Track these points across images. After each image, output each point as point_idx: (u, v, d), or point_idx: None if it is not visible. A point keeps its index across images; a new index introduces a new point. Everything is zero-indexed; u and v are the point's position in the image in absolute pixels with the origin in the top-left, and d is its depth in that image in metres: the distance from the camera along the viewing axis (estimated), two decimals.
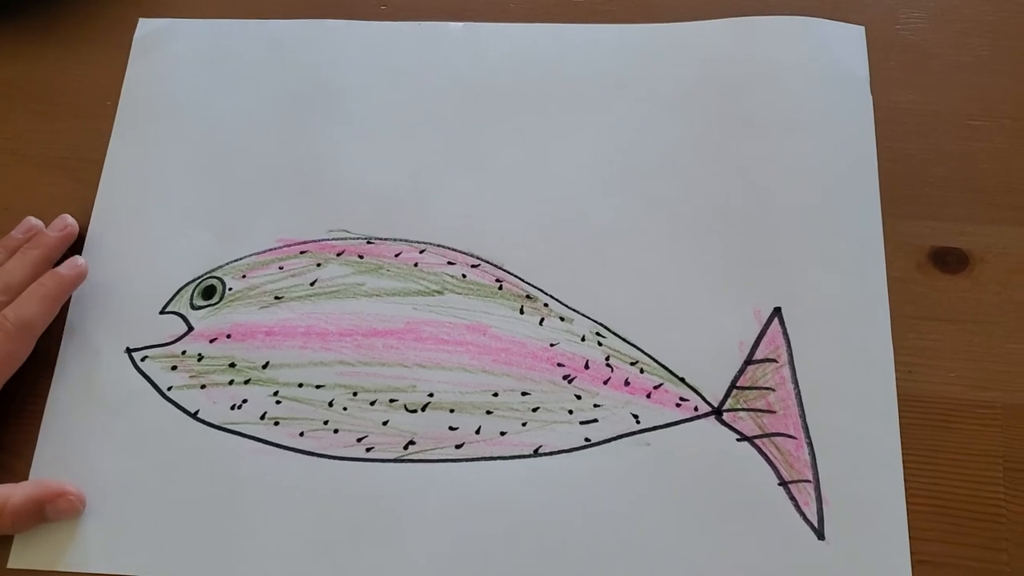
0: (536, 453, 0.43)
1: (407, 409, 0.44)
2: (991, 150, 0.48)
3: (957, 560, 0.40)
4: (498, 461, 0.43)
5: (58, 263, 0.47)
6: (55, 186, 0.50)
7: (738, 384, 0.43)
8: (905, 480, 0.41)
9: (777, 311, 0.44)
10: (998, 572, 0.40)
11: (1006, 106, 0.49)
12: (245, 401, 0.45)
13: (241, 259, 0.48)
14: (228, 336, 0.46)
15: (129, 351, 0.46)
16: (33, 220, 0.48)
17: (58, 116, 0.52)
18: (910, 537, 0.40)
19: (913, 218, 0.46)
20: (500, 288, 0.46)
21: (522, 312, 0.46)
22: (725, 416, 0.43)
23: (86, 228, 0.49)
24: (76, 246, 0.48)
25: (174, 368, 0.46)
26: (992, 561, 0.40)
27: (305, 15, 0.54)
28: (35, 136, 0.52)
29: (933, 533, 0.40)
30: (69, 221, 0.48)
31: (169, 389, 0.45)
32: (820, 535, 0.40)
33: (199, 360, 0.46)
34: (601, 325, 0.45)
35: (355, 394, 0.44)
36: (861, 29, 0.50)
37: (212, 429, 0.44)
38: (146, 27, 0.54)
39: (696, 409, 0.43)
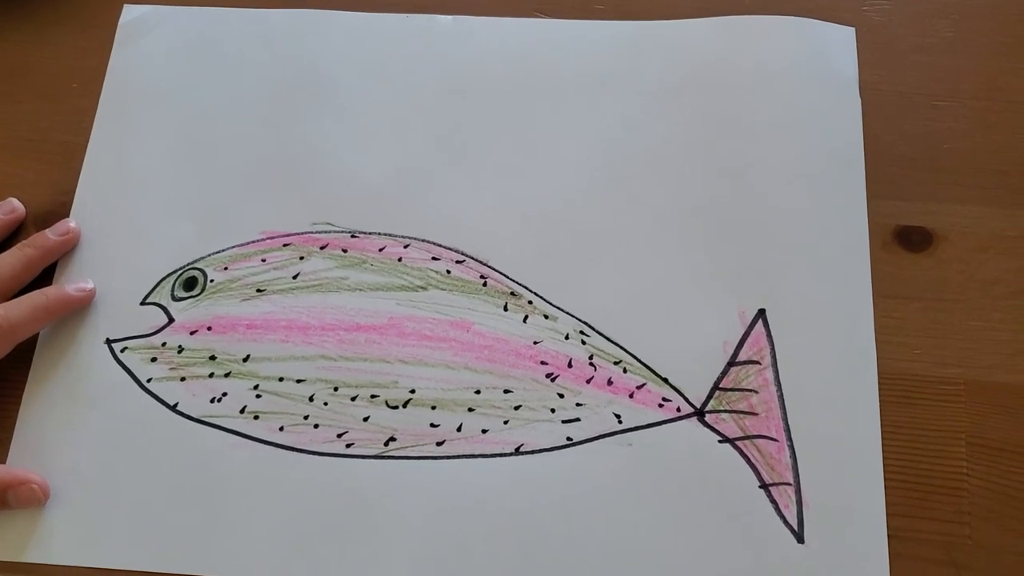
0: (517, 451, 0.43)
1: (388, 405, 0.44)
2: (955, 130, 0.48)
3: (921, 534, 0.41)
4: (479, 459, 0.43)
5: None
6: (20, 168, 0.50)
7: (721, 386, 0.43)
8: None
9: (761, 313, 0.44)
10: (961, 545, 0.41)
11: (969, 87, 0.49)
12: (225, 394, 0.44)
13: (223, 251, 0.47)
14: (209, 328, 0.46)
15: (108, 342, 0.46)
16: (15, 202, 0.48)
17: (23, 98, 0.52)
18: None
19: (878, 197, 0.47)
20: (484, 285, 0.46)
21: (506, 309, 0.45)
22: (707, 417, 0.43)
23: (60, 213, 0.48)
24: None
25: (154, 360, 0.45)
26: (955, 534, 0.41)
27: None
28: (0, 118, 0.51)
29: (898, 507, 0.41)
30: (72, 226, 0.47)
31: (148, 381, 0.45)
32: (800, 538, 0.40)
33: (179, 352, 0.45)
34: (585, 324, 0.45)
35: (336, 389, 0.44)
36: (851, 31, 0.50)
37: (191, 422, 0.44)
38: (131, 13, 0.53)
39: (679, 410, 0.43)
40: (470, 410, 0.44)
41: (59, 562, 0.42)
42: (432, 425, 0.43)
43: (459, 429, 0.43)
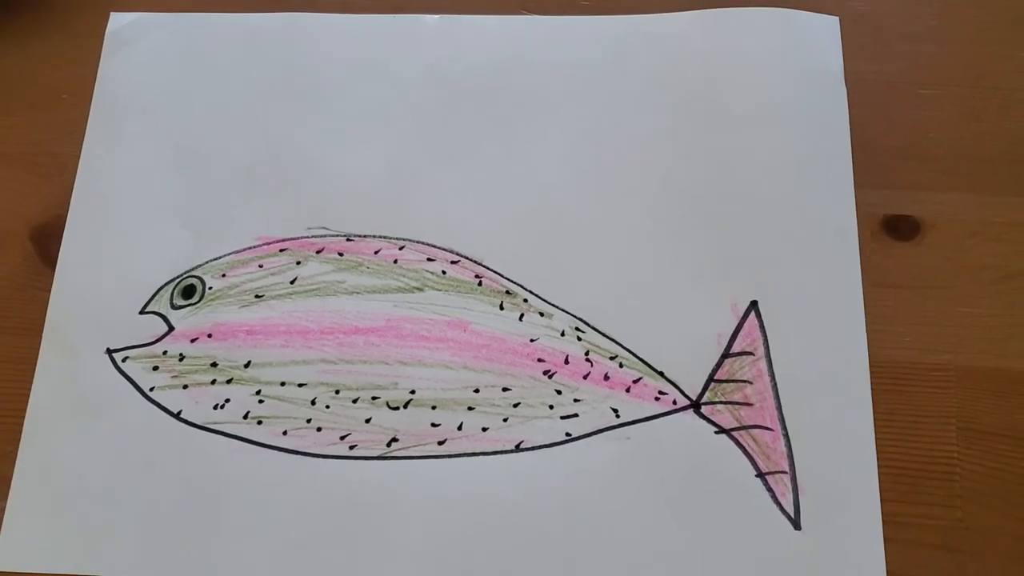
0: (518, 448, 0.43)
1: (389, 406, 0.44)
2: (941, 118, 0.49)
3: (914, 519, 0.42)
4: (480, 457, 0.43)
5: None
6: (13, 181, 0.50)
7: (715, 377, 0.44)
8: None
9: (753, 304, 0.45)
10: (952, 528, 0.42)
11: (955, 75, 0.50)
12: (228, 401, 0.45)
13: (220, 258, 0.48)
14: (209, 336, 0.46)
15: (110, 352, 0.46)
16: None
17: (13, 110, 0.52)
18: None
19: (866, 187, 0.47)
20: (480, 284, 0.46)
21: (502, 308, 0.46)
22: (703, 409, 0.44)
23: (56, 225, 0.48)
24: (54, 246, 0.48)
25: (156, 368, 0.46)
26: (947, 518, 0.42)
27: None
28: None
29: (891, 493, 0.42)
30: None
31: (151, 390, 0.45)
32: (796, 525, 0.41)
33: (181, 360, 0.46)
34: (580, 320, 0.45)
35: (337, 392, 0.45)
36: (835, 20, 0.50)
37: (195, 429, 0.44)
38: (118, 21, 0.53)
39: (675, 403, 0.44)
40: (470, 409, 0.44)
41: (65, 572, 0.42)
42: (433, 425, 0.44)
43: (460, 428, 0.44)
